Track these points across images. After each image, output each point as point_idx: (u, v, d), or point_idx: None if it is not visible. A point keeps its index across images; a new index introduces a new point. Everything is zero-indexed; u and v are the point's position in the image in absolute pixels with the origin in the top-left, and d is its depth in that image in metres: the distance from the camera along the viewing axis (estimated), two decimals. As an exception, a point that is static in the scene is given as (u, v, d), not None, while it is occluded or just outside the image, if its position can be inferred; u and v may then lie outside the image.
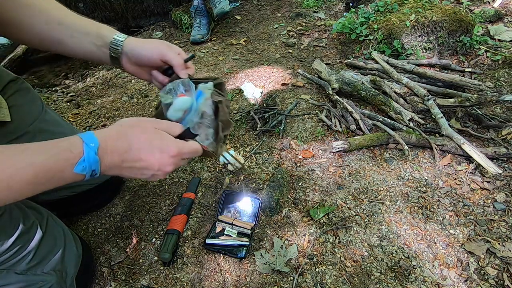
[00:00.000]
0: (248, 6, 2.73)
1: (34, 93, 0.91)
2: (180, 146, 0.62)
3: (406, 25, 1.65)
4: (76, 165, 0.52)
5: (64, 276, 0.79)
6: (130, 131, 0.58)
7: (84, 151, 0.53)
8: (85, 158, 0.52)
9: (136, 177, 0.62)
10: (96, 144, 0.54)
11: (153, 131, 0.60)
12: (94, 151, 0.53)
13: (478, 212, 1.02)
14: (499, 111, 1.33)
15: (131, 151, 0.57)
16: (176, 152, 0.60)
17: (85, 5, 2.59)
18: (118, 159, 0.56)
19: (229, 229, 1.02)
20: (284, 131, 1.37)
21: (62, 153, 0.52)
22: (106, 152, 0.55)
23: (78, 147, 0.53)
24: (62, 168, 0.52)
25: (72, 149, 0.52)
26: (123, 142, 0.57)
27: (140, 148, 0.57)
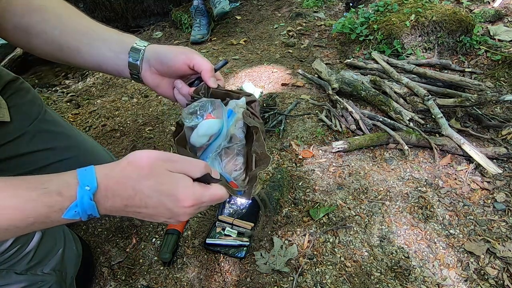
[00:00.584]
0: (248, 6, 2.73)
1: (34, 93, 0.91)
2: (199, 194, 0.50)
3: (406, 25, 1.65)
4: (66, 211, 0.44)
5: (64, 276, 0.79)
6: (137, 173, 0.48)
7: (77, 195, 0.44)
8: (77, 203, 0.45)
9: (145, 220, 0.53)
10: (92, 188, 0.45)
11: (165, 175, 0.49)
12: (89, 196, 0.45)
13: (478, 212, 1.02)
14: (499, 111, 1.33)
15: (136, 197, 0.48)
16: (192, 203, 0.49)
17: (85, 5, 2.59)
18: (120, 204, 0.48)
19: (229, 229, 1.02)
20: (284, 131, 1.37)
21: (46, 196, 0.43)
22: (107, 195, 0.47)
23: (71, 190, 0.45)
24: (46, 215, 0.44)
25: (63, 191, 0.44)
26: (127, 186, 0.47)
27: (147, 196, 0.48)
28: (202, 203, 0.50)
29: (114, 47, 0.65)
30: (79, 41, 0.65)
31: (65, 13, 0.66)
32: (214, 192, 0.51)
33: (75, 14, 0.68)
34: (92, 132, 1.54)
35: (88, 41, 0.65)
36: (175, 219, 0.51)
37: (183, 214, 0.50)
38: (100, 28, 0.67)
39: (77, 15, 0.68)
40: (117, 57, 0.65)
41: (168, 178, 0.48)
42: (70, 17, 0.66)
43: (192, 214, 0.51)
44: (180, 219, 0.51)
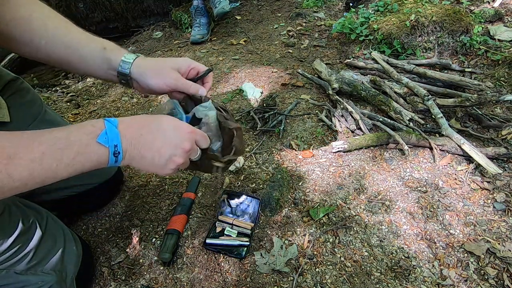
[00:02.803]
0: (248, 6, 2.73)
1: (34, 93, 0.91)
2: (192, 127, 0.64)
3: (406, 25, 1.65)
4: (99, 136, 0.54)
5: (64, 276, 0.79)
6: (143, 117, 0.63)
7: (105, 125, 0.56)
8: (106, 131, 0.55)
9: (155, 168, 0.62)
10: (115, 121, 0.58)
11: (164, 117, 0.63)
12: (114, 125, 0.57)
13: (478, 212, 1.02)
14: (499, 111, 1.33)
15: (146, 127, 0.60)
16: (191, 130, 0.63)
17: (85, 5, 2.59)
18: (136, 133, 0.59)
19: (229, 229, 1.02)
20: (284, 131, 1.37)
21: (83, 128, 0.55)
22: (126, 127, 0.58)
23: (100, 122, 0.56)
24: (86, 142, 0.54)
25: (94, 124, 0.56)
26: (140, 121, 0.61)
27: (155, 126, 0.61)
28: (196, 134, 0.64)
29: (102, 65, 0.71)
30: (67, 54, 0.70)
31: (52, 23, 0.69)
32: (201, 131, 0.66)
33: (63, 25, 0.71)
34: (92, 132, 1.54)
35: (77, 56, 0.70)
36: (180, 146, 0.61)
37: (185, 140, 0.61)
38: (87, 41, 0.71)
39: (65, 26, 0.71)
40: (106, 72, 0.72)
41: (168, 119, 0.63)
42: (57, 28, 0.69)
43: (191, 142, 0.63)
44: (184, 145, 0.61)
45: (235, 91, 1.67)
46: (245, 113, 1.48)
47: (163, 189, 1.19)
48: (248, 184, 1.17)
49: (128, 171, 1.28)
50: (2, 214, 0.67)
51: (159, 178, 1.23)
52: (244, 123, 1.44)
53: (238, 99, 1.60)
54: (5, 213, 0.68)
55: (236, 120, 1.45)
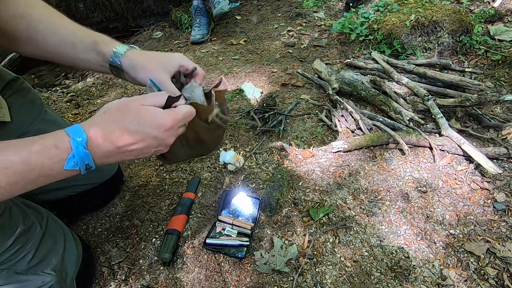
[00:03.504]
0: (248, 6, 2.73)
1: (34, 93, 0.91)
2: (173, 115, 0.57)
3: (406, 25, 1.65)
4: (66, 162, 0.50)
5: (64, 276, 0.79)
6: (117, 115, 0.54)
7: (72, 147, 0.50)
8: (74, 154, 0.50)
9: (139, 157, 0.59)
10: (83, 138, 0.50)
11: (140, 109, 0.55)
12: (82, 146, 0.50)
13: (478, 212, 1.02)
14: (499, 111, 1.33)
15: (124, 136, 0.53)
16: (171, 124, 0.56)
17: (85, 5, 2.59)
18: (112, 147, 0.53)
19: (229, 229, 1.02)
20: (284, 131, 1.37)
21: (46, 150, 0.49)
22: (98, 143, 0.52)
23: (65, 143, 0.50)
24: (50, 166, 0.49)
25: (59, 145, 0.49)
26: (113, 129, 0.53)
27: (133, 131, 0.53)
28: (179, 122, 0.58)
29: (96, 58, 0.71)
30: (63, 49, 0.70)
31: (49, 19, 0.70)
32: (183, 110, 0.59)
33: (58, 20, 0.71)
34: (92, 132, 1.54)
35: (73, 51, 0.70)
36: (163, 145, 0.58)
37: (168, 137, 0.57)
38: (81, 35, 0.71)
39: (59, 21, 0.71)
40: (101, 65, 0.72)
41: (144, 111, 0.55)
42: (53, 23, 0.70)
43: (175, 134, 0.59)
44: (167, 142, 0.58)
45: (235, 91, 1.67)
46: (245, 113, 1.48)
47: (163, 189, 1.19)
48: (248, 184, 1.17)
49: (128, 171, 1.28)
50: (2, 214, 0.67)
51: (159, 178, 1.23)
52: (244, 123, 1.44)
53: (238, 99, 1.60)
54: (6, 213, 0.68)
55: (236, 120, 1.45)
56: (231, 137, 1.38)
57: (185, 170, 1.25)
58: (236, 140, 1.36)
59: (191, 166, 1.26)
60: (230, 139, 1.37)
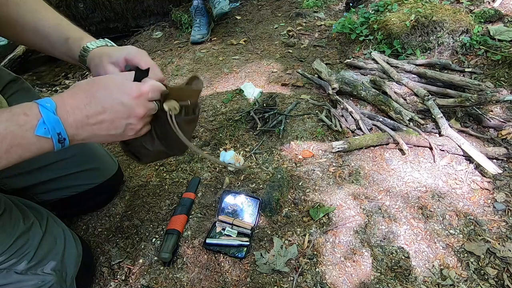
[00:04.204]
0: (248, 6, 2.73)
1: (34, 93, 0.91)
2: (140, 85, 0.57)
3: (406, 25, 1.65)
4: (36, 128, 0.49)
5: (64, 276, 0.79)
6: (85, 85, 0.55)
7: (41, 113, 0.49)
8: (44, 119, 0.49)
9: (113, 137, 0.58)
10: (52, 104, 0.51)
11: (108, 79, 0.57)
12: (52, 111, 0.50)
13: (478, 212, 1.02)
14: (499, 111, 1.33)
15: (92, 103, 0.53)
16: (138, 91, 0.55)
17: (85, 5, 2.59)
18: (81, 115, 0.53)
19: (229, 229, 1.02)
20: (284, 131, 1.37)
21: (15, 117, 0.48)
22: (66, 110, 0.52)
23: (34, 110, 0.50)
24: (20, 134, 0.48)
25: (27, 112, 0.49)
26: (81, 96, 0.53)
27: (100, 98, 0.53)
28: (146, 92, 0.56)
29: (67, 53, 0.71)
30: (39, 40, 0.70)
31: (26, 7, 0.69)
32: (150, 82, 0.58)
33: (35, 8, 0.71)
34: (92, 132, 1.54)
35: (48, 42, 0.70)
36: (134, 117, 0.56)
37: (137, 106, 0.55)
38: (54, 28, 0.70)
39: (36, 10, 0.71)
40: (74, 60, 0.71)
41: (111, 81, 0.56)
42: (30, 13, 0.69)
43: (144, 107, 0.57)
44: (137, 112, 0.56)
45: (235, 91, 1.67)
46: (245, 113, 1.48)
47: (163, 189, 1.19)
48: (248, 184, 1.17)
49: (128, 171, 1.28)
50: (2, 214, 0.67)
51: (159, 178, 1.23)
52: (244, 123, 1.44)
53: (238, 99, 1.60)
54: (6, 213, 0.68)
55: (236, 120, 1.45)
56: (231, 137, 1.38)
57: (185, 170, 1.25)
58: (236, 140, 1.36)
59: (191, 166, 1.26)
60: (230, 139, 1.37)
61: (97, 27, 2.77)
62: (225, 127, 1.42)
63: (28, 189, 0.92)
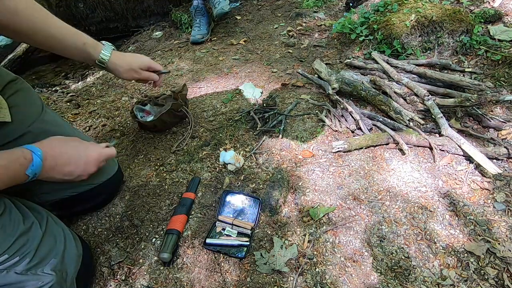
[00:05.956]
0: (248, 6, 2.73)
1: (34, 93, 0.91)
2: (99, 150, 0.89)
3: (406, 25, 1.65)
4: (28, 168, 0.70)
5: (64, 276, 0.79)
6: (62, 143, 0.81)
7: (33, 159, 0.71)
8: (33, 163, 0.71)
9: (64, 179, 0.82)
10: (40, 153, 0.73)
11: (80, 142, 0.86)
12: (39, 158, 0.73)
13: (478, 212, 1.02)
14: (499, 111, 1.33)
15: (63, 156, 0.79)
16: (97, 156, 0.87)
17: (85, 5, 2.59)
18: (53, 162, 0.77)
19: (229, 229, 1.02)
20: (284, 131, 1.37)
21: (19, 159, 0.69)
22: (46, 158, 0.74)
23: (29, 155, 0.71)
24: (18, 170, 0.69)
25: (26, 156, 0.71)
26: (57, 152, 0.78)
27: (70, 155, 0.81)
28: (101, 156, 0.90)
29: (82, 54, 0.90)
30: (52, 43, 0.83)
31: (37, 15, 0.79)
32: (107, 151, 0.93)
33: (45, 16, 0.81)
34: (92, 132, 1.55)
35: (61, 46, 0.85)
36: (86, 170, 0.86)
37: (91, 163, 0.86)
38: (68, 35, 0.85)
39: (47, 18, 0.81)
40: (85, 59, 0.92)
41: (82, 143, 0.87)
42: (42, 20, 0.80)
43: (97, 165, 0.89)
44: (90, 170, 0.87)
45: (235, 91, 1.67)
46: (245, 113, 1.48)
47: (163, 189, 1.19)
48: (248, 184, 1.17)
49: (128, 171, 1.28)
50: (2, 214, 0.67)
51: (159, 178, 1.23)
52: (244, 123, 1.44)
53: (238, 99, 1.60)
54: (6, 213, 0.68)
55: (236, 120, 1.45)
56: (231, 137, 1.38)
57: (185, 170, 1.25)
58: (236, 140, 1.36)
59: (191, 166, 1.26)
60: (230, 139, 1.37)
61: (97, 27, 2.77)
62: (225, 127, 1.42)
63: (28, 189, 0.92)
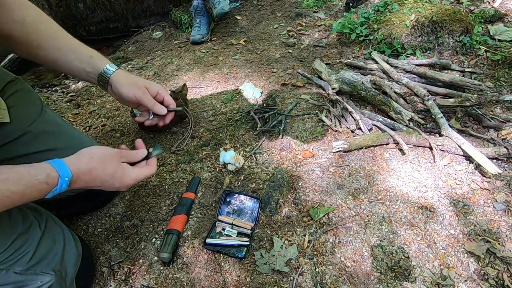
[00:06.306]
0: (248, 6, 2.73)
1: (34, 93, 0.91)
2: (134, 176, 0.76)
3: (406, 25, 1.65)
4: (49, 193, 0.63)
5: (63, 276, 0.79)
6: (100, 166, 0.70)
7: (58, 183, 0.62)
8: (57, 188, 0.63)
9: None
10: (69, 178, 0.64)
11: (118, 166, 0.73)
12: (66, 184, 0.64)
13: (478, 212, 1.02)
14: (499, 111, 1.33)
15: (95, 181, 0.70)
16: (133, 182, 0.76)
17: (85, 5, 2.59)
18: (83, 185, 0.69)
19: (229, 229, 1.02)
20: (284, 131, 1.37)
21: (39, 185, 0.60)
22: (76, 182, 0.66)
23: (54, 180, 0.62)
24: (36, 196, 0.61)
25: (49, 182, 0.61)
26: (92, 175, 0.69)
27: (104, 180, 0.71)
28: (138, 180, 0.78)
29: (86, 68, 0.82)
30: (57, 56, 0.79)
31: (44, 29, 0.78)
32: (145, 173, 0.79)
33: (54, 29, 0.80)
34: (92, 132, 1.55)
35: (66, 59, 0.80)
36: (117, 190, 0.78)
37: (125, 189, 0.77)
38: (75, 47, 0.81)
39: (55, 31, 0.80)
40: (89, 75, 0.83)
41: (119, 168, 0.74)
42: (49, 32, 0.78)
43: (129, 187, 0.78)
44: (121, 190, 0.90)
45: (235, 91, 1.67)
46: (245, 113, 1.48)
47: (163, 189, 1.19)
48: (248, 184, 1.17)
49: (128, 171, 1.27)
50: (1, 214, 0.67)
51: (159, 178, 1.23)
52: (244, 123, 1.44)
53: (238, 99, 1.60)
54: (5, 213, 0.68)
55: (236, 120, 1.45)
56: (231, 137, 1.38)
57: (185, 170, 1.25)
58: (236, 140, 1.36)
59: (191, 166, 1.26)
60: (230, 139, 1.37)
61: (97, 27, 2.77)
62: (225, 127, 1.42)
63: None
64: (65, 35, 0.81)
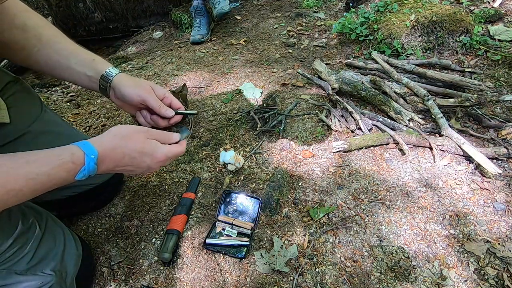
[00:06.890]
0: (248, 6, 2.73)
1: (34, 93, 0.91)
2: (166, 152, 0.71)
3: (406, 25, 1.65)
4: (78, 174, 0.60)
5: (64, 276, 0.79)
6: (124, 143, 0.66)
7: (85, 162, 0.60)
8: (85, 167, 0.61)
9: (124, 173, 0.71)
10: (95, 155, 0.61)
11: (145, 141, 0.69)
12: (94, 162, 0.61)
13: (478, 212, 1.02)
14: (499, 111, 1.33)
15: (124, 159, 0.66)
16: (164, 159, 0.71)
17: (85, 5, 2.59)
18: (113, 165, 0.66)
19: (229, 229, 1.02)
20: (284, 131, 1.37)
21: (65, 165, 0.59)
22: (104, 161, 0.63)
23: (80, 159, 0.60)
24: (65, 177, 0.59)
25: (75, 161, 0.59)
26: (119, 153, 0.65)
27: (133, 157, 0.67)
28: (169, 158, 0.73)
29: (87, 73, 0.78)
30: (58, 60, 0.77)
31: (46, 34, 0.77)
32: (177, 150, 0.75)
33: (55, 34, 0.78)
34: (92, 132, 1.55)
35: (67, 63, 0.77)
36: (150, 171, 0.73)
37: (157, 167, 0.72)
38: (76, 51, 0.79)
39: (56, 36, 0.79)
40: (90, 80, 0.79)
41: (148, 143, 0.69)
42: (50, 38, 0.77)
43: (162, 166, 0.74)
44: (154, 169, 0.77)
45: (235, 91, 1.67)
46: (245, 113, 1.48)
47: (163, 189, 1.19)
48: (248, 184, 1.17)
49: (128, 171, 1.28)
50: (1, 214, 0.67)
51: (159, 178, 1.23)
52: (244, 123, 1.44)
53: (238, 99, 1.60)
54: (5, 213, 0.68)
55: (236, 120, 1.45)
56: (231, 137, 1.38)
57: (185, 170, 1.25)
58: (236, 140, 1.36)
59: (191, 166, 1.26)
60: (230, 139, 1.37)
61: (97, 27, 2.77)
62: (225, 127, 1.42)
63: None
64: (66, 40, 0.79)
